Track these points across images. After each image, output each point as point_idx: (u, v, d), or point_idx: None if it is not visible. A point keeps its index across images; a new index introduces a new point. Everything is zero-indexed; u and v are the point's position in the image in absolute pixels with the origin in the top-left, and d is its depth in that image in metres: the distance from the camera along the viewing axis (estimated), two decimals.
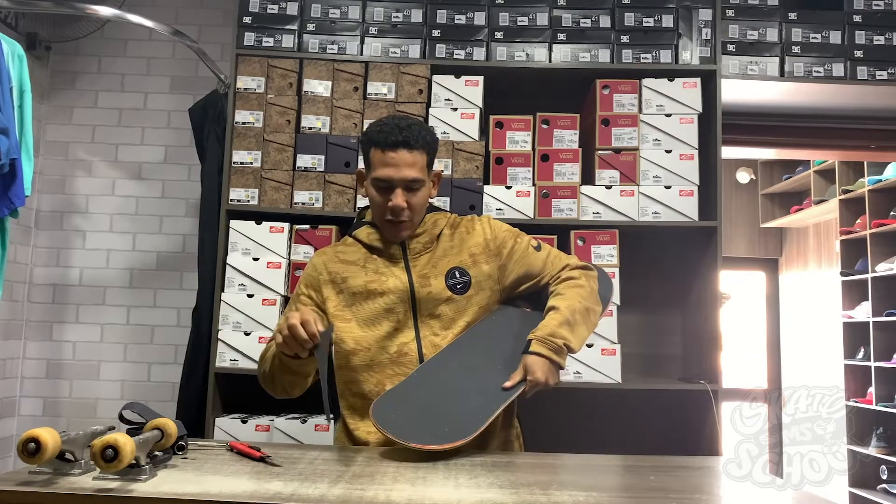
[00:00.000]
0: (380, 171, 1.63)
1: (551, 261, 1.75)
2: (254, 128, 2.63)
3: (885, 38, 2.72)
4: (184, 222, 3.14)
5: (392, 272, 1.68)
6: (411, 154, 1.63)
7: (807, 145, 3.38)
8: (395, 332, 1.65)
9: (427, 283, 1.67)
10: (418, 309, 1.66)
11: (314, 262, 1.76)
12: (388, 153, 1.62)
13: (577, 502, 1.11)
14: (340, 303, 1.68)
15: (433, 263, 1.69)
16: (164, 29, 2.67)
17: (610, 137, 2.63)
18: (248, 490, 1.12)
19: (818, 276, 5.67)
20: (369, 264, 1.70)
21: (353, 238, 1.76)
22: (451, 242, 1.73)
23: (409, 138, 1.62)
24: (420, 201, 1.67)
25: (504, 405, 1.55)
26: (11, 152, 2.27)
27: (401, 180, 1.63)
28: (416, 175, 1.64)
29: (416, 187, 1.65)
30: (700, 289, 2.73)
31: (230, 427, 2.43)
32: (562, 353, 1.59)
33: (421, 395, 1.54)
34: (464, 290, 1.68)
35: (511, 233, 1.77)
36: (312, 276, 1.73)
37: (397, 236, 1.69)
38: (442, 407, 1.52)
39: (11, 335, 3.02)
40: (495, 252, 1.73)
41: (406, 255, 1.70)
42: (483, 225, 1.76)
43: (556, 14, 2.70)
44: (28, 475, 1.13)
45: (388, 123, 1.66)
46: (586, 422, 2.72)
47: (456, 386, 1.57)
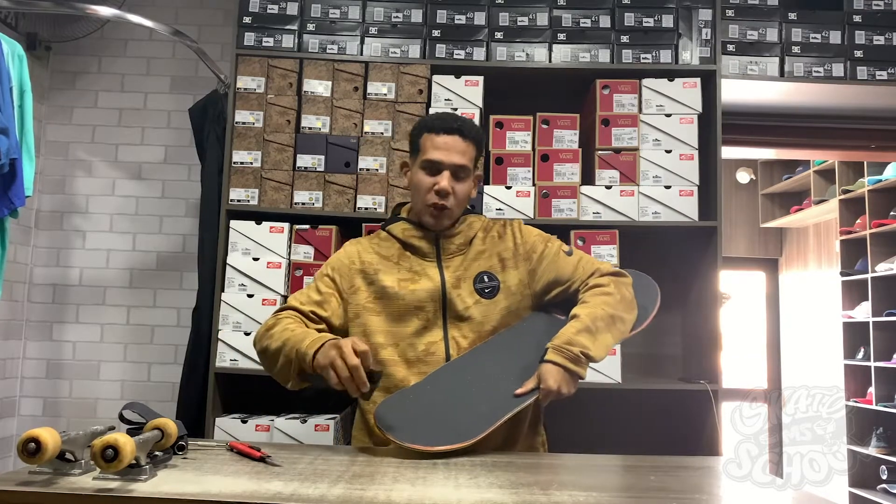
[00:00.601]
0: (431, 153, 1.67)
1: (582, 266, 1.72)
2: (254, 128, 2.63)
3: (885, 38, 2.72)
4: (184, 222, 3.14)
5: (425, 272, 1.68)
6: (464, 142, 1.68)
7: (807, 145, 3.38)
8: (423, 330, 1.65)
9: (458, 286, 1.67)
10: (448, 310, 1.66)
11: (348, 250, 1.75)
12: (442, 136, 1.67)
13: (577, 502, 1.11)
14: (371, 295, 1.68)
15: (465, 266, 1.69)
16: (164, 29, 2.67)
17: (610, 137, 2.63)
18: (248, 490, 1.11)
19: (818, 276, 5.67)
20: (403, 262, 1.70)
21: (388, 233, 1.75)
22: (482, 246, 1.73)
23: (463, 128, 1.68)
24: (463, 192, 1.69)
25: (512, 413, 1.52)
26: (11, 152, 2.27)
27: (450, 164, 1.66)
28: (464, 162, 1.68)
29: (462, 176, 1.68)
30: (700, 289, 2.73)
31: (230, 427, 2.43)
32: (579, 361, 1.56)
33: (430, 398, 1.54)
34: (492, 295, 1.68)
35: (542, 237, 1.76)
36: (344, 263, 1.72)
37: (437, 224, 1.69)
38: (448, 410, 1.52)
39: (11, 335, 3.02)
40: (525, 257, 1.72)
41: (440, 254, 1.70)
42: (514, 230, 1.76)
43: (556, 14, 2.70)
44: (28, 475, 1.13)
45: (443, 114, 1.76)
46: (586, 422, 2.71)
47: (468, 390, 1.56)
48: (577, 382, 1.58)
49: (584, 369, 1.58)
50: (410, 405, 1.52)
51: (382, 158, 2.61)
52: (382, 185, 2.60)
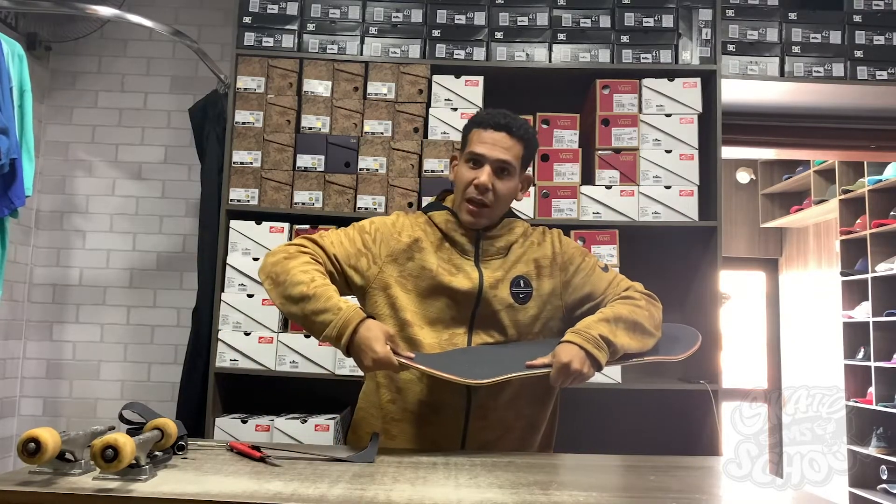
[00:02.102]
0: (475, 146, 1.64)
1: (616, 283, 1.72)
2: (254, 128, 2.63)
3: (885, 38, 2.72)
4: (184, 222, 3.14)
5: (464, 268, 1.65)
6: (510, 139, 1.64)
7: (807, 145, 3.38)
8: (450, 320, 1.64)
9: (495, 287, 1.65)
10: (479, 309, 1.65)
11: (397, 221, 1.70)
12: (489, 131, 1.64)
13: (577, 502, 1.11)
14: (407, 271, 1.65)
15: (505, 269, 1.67)
16: (164, 29, 2.67)
17: (610, 137, 2.63)
18: (248, 490, 1.11)
19: (818, 276, 5.67)
20: (442, 252, 1.67)
21: (429, 218, 1.71)
22: (521, 250, 1.70)
23: (511, 125, 1.64)
24: (505, 191, 1.65)
25: (521, 374, 1.53)
26: (11, 152, 2.27)
27: (493, 159, 1.62)
28: (508, 158, 1.63)
29: (505, 174, 1.64)
30: (700, 289, 2.73)
31: (230, 427, 2.43)
32: (599, 345, 1.53)
33: (454, 356, 1.59)
34: (525, 301, 1.66)
35: (580, 251, 1.75)
36: (389, 231, 1.68)
37: (473, 221, 1.65)
38: (468, 363, 1.56)
39: (11, 335, 3.02)
40: (561, 267, 1.70)
41: (479, 254, 1.67)
42: (553, 238, 1.74)
43: (556, 14, 2.70)
44: (28, 475, 1.13)
45: (495, 111, 1.69)
46: (586, 422, 2.71)
47: (490, 357, 1.60)
48: (594, 368, 1.53)
49: (604, 355, 1.53)
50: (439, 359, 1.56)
51: (382, 158, 2.61)
52: (382, 185, 2.59)
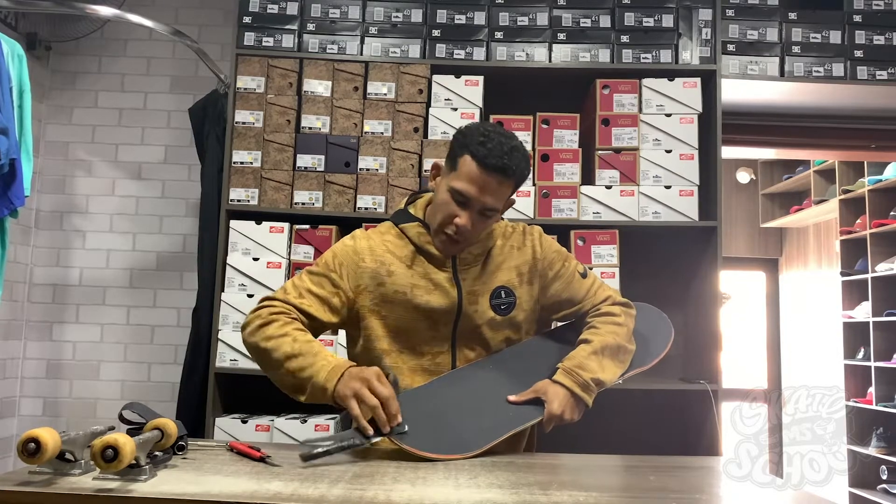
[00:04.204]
0: (463, 185, 1.52)
1: (594, 290, 1.70)
2: (254, 128, 2.63)
3: (885, 38, 2.72)
4: (184, 222, 3.14)
5: (440, 283, 1.59)
6: (503, 183, 1.53)
7: (807, 145, 3.38)
8: (431, 340, 1.60)
9: (474, 301, 1.60)
10: (459, 323, 1.60)
11: (358, 246, 1.61)
12: (482, 173, 1.50)
13: (577, 502, 1.11)
14: (378, 298, 1.58)
15: (483, 280, 1.62)
16: (164, 29, 2.67)
17: (610, 137, 2.63)
18: (248, 490, 1.11)
19: (818, 276, 5.67)
20: (416, 266, 1.60)
21: (400, 230, 1.64)
22: (501, 257, 1.64)
23: (507, 167, 1.51)
24: (483, 228, 1.58)
25: (513, 432, 1.50)
26: (11, 152, 2.27)
27: (480, 204, 1.53)
28: (495, 204, 1.54)
29: (489, 213, 1.55)
30: (700, 289, 2.73)
31: (230, 427, 2.43)
32: (588, 388, 1.53)
33: (435, 403, 1.52)
34: (507, 311, 1.62)
35: (560, 254, 1.70)
36: (352, 260, 1.59)
37: (446, 251, 1.59)
38: (453, 418, 1.49)
39: (11, 335, 3.02)
40: (541, 272, 1.67)
41: (455, 265, 1.60)
42: (534, 242, 1.68)
43: (556, 14, 2.70)
44: (28, 475, 1.13)
45: (493, 138, 1.51)
46: (586, 422, 2.71)
47: (474, 400, 1.53)
48: (583, 410, 1.55)
49: (592, 397, 1.54)
50: (415, 408, 1.48)
51: (382, 158, 2.61)
52: (382, 185, 2.59)
